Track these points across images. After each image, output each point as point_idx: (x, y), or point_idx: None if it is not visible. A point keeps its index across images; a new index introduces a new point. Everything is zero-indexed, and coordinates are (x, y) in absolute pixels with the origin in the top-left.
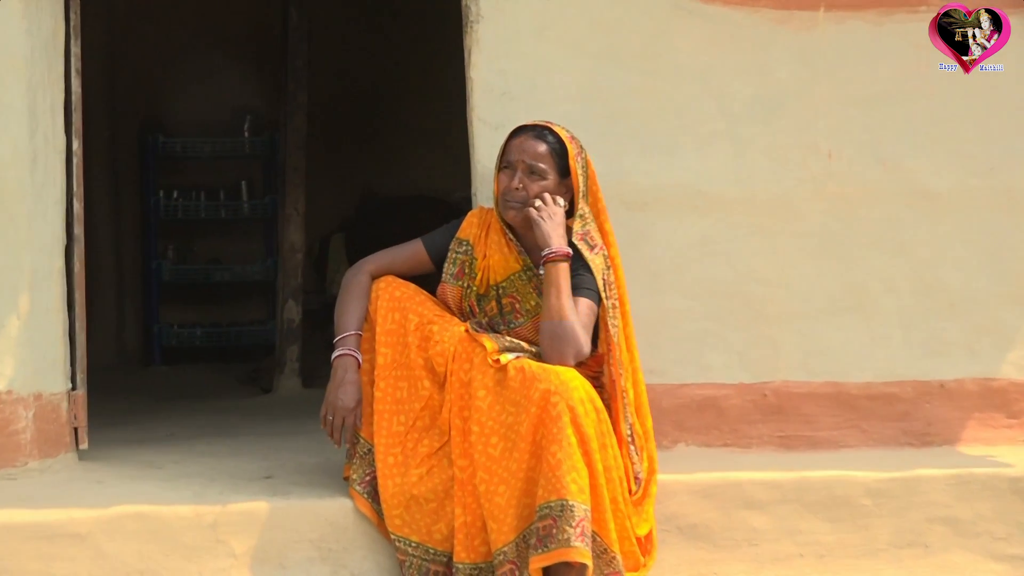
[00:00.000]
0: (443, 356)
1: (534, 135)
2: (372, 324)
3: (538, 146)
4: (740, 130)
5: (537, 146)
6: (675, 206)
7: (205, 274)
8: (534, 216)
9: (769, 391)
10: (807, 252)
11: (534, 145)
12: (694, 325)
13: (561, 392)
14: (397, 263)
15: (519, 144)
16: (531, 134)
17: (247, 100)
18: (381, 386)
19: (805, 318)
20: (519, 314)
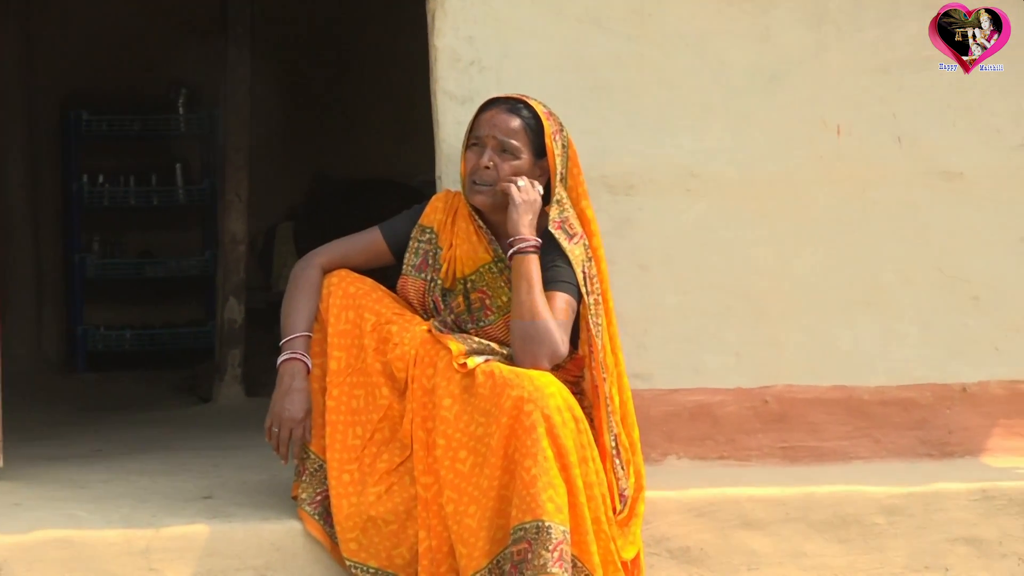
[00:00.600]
0: (403, 360)
1: (507, 109)
2: (323, 324)
3: (511, 121)
4: (739, 103)
5: (510, 121)
6: (665, 189)
7: (135, 269)
8: (513, 194)
9: (771, 397)
10: (814, 240)
11: (506, 120)
12: (686, 323)
13: (535, 399)
14: (352, 255)
15: (489, 118)
16: (503, 107)
17: (183, 72)
18: (334, 394)
19: (811, 315)
20: (489, 311)
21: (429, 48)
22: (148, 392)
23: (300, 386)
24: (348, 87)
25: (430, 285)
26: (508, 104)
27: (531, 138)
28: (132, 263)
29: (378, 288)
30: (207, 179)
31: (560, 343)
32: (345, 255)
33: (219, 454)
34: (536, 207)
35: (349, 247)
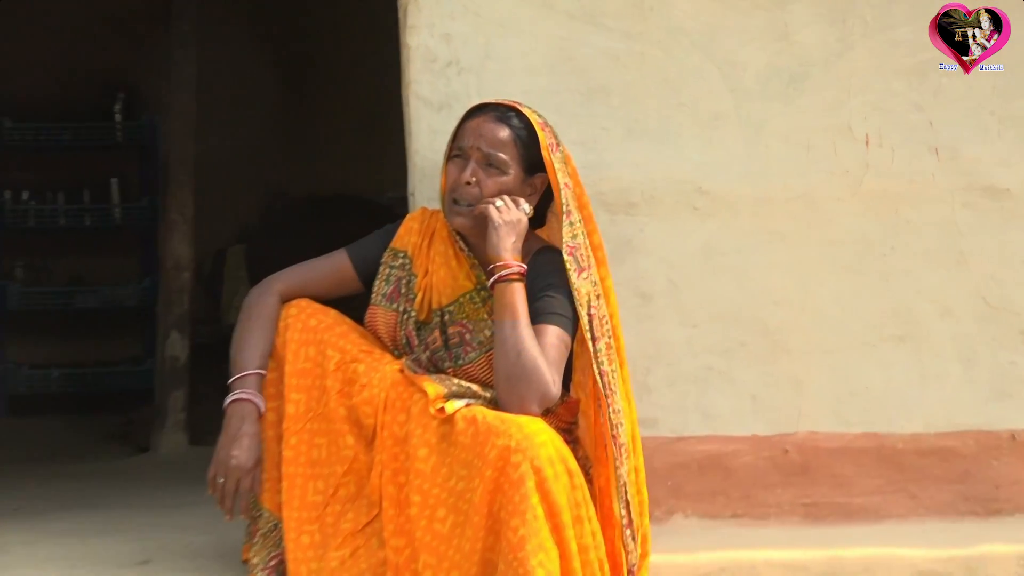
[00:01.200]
0: (371, 404)
1: (495, 117)
2: (280, 362)
3: (499, 131)
4: (752, 110)
5: (498, 130)
6: (669, 207)
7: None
8: (492, 215)
9: (791, 446)
10: (839, 266)
11: (494, 129)
12: (695, 361)
13: (524, 449)
14: (314, 282)
15: (475, 127)
16: (491, 115)
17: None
18: (292, 443)
19: (837, 351)
20: (470, 347)
21: (401, 47)
22: (78, 440)
23: (250, 431)
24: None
25: (403, 317)
26: (497, 112)
27: (521, 151)
28: (61, 292)
29: (343, 321)
30: (147, 196)
31: (551, 384)
32: (305, 282)
33: (159, 512)
34: (520, 228)
35: (310, 273)
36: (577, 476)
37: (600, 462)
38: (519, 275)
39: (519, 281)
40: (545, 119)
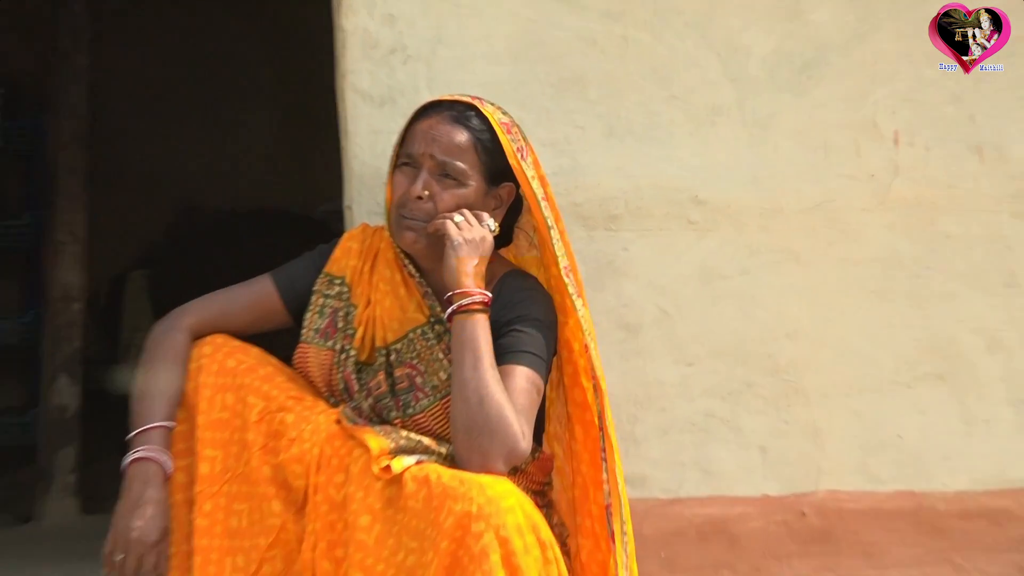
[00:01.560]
0: (302, 463)
1: (451, 117)
2: (191, 411)
3: (456, 133)
4: (758, 103)
5: (454, 134)
6: (660, 221)
7: None
8: (450, 232)
9: (809, 508)
10: (864, 290)
11: (450, 132)
12: (691, 406)
13: (488, 516)
14: (232, 314)
15: (427, 130)
16: (446, 115)
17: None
18: (206, 509)
19: (863, 393)
20: (421, 393)
21: (335, 31)
22: None
23: (155, 496)
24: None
25: (340, 357)
26: (453, 111)
27: (483, 158)
28: None
29: (268, 361)
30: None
31: (520, 436)
32: (222, 315)
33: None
34: (484, 249)
35: (228, 304)
36: (551, 548)
37: (585, 533)
38: (482, 305)
39: (482, 312)
40: (512, 118)
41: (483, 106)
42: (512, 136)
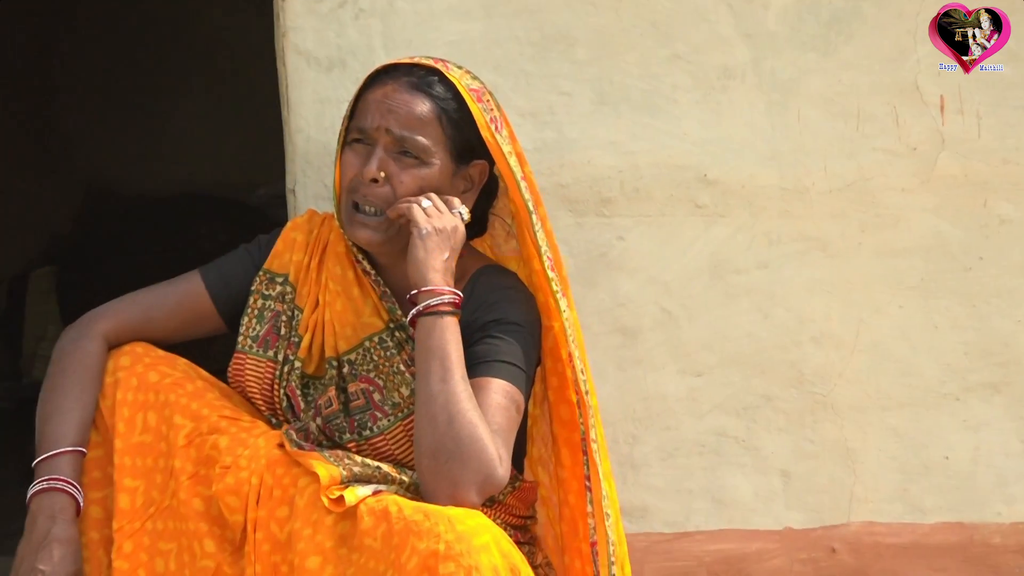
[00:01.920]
0: (239, 494)
1: (409, 84)
2: (108, 434)
3: (415, 103)
4: (778, 64)
5: (414, 103)
6: (662, 205)
7: None
8: (417, 218)
9: (840, 542)
10: (905, 285)
11: (408, 101)
12: (700, 424)
13: (458, 556)
14: (155, 319)
15: (381, 99)
16: (404, 82)
17: None
18: (125, 550)
19: (903, 407)
20: (380, 412)
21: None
22: None
23: (64, 534)
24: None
25: (282, 369)
26: (413, 77)
27: (449, 132)
28: None
29: (197, 374)
30: None
31: (496, 461)
32: (143, 319)
33: None
34: (456, 240)
35: (149, 307)
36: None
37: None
38: (452, 306)
39: (452, 315)
40: (483, 83)
41: (448, 70)
42: (484, 105)
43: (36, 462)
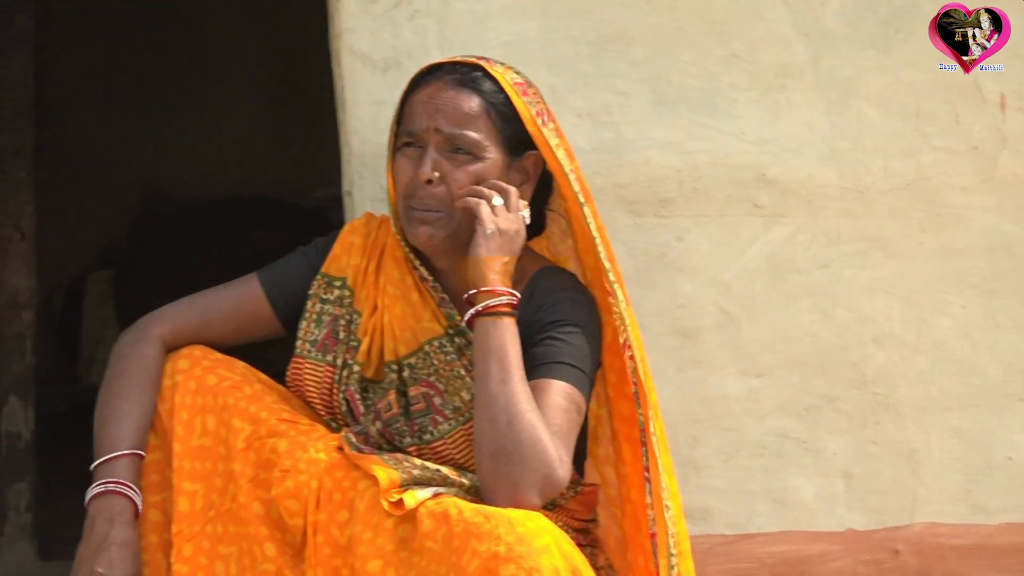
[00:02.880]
0: (299, 498)
1: (455, 81)
2: (166, 437)
3: (463, 99)
4: (837, 63)
5: (461, 100)
6: (721, 205)
7: None
8: (483, 216)
9: (904, 544)
10: (967, 285)
11: (455, 98)
12: (760, 425)
13: (518, 558)
14: (212, 322)
15: (427, 100)
16: (449, 80)
17: None
18: (185, 553)
19: (967, 408)
20: (441, 416)
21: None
22: None
23: (122, 537)
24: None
25: (342, 373)
26: (457, 74)
27: (499, 125)
28: None
29: (256, 377)
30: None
31: (556, 463)
32: (201, 323)
33: None
34: (517, 244)
35: (207, 310)
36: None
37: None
38: (510, 307)
39: (510, 315)
40: (527, 78)
41: (491, 66)
42: (529, 98)
43: (94, 465)
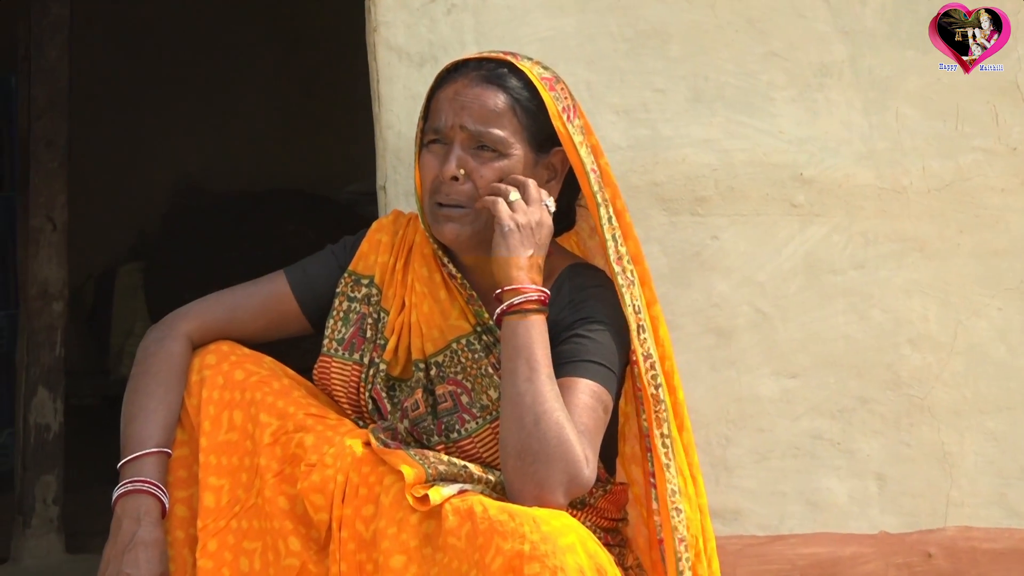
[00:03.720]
0: (324, 492)
1: (481, 78)
2: (193, 432)
3: (489, 96)
4: (876, 62)
5: (487, 96)
6: (757, 205)
7: None
8: (500, 214)
9: (937, 547)
10: (1004, 287)
11: (481, 95)
12: (794, 426)
13: (543, 556)
14: (240, 320)
15: (453, 96)
16: (474, 76)
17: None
18: (210, 549)
19: (1003, 411)
20: (468, 415)
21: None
22: None
23: (149, 537)
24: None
25: (368, 372)
26: (482, 70)
27: (525, 121)
28: None
29: (283, 372)
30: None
31: (583, 463)
32: (228, 320)
33: None
34: (542, 235)
35: (235, 307)
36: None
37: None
38: (539, 303)
39: (538, 312)
40: (556, 73)
41: (518, 61)
42: (556, 93)
43: (121, 464)
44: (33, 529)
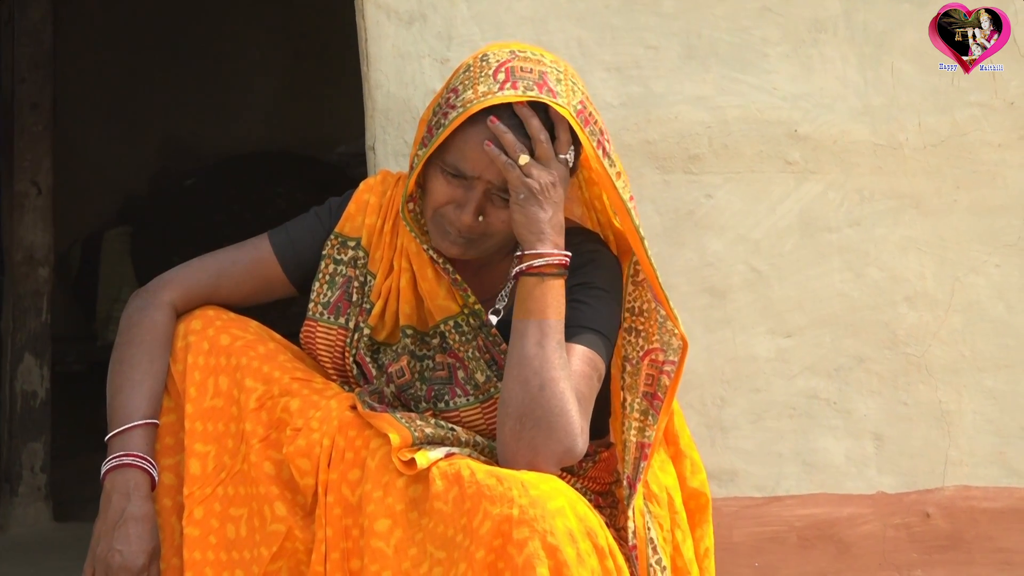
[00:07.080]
0: (310, 457)
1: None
2: (178, 399)
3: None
4: (871, 15)
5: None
6: (751, 162)
7: None
8: (513, 182)
9: (935, 507)
10: (1002, 243)
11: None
12: (790, 386)
13: (532, 520)
14: (225, 283)
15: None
16: (511, 124)
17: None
18: (197, 516)
19: (1001, 369)
20: (461, 389)
21: None
22: None
23: (139, 512)
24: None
25: (353, 336)
26: (515, 119)
27: None
28: None
29: (269, 336)
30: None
31: (578, 435)
32: (212, 285)
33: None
34: (555, 192)
35: (218, 272)
36: (613, 557)
37: None
38: (558, 267)
39: (556, 276)
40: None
41: (555, 101)
42: (591, 127)
43: (108, 437)
44: (21, 497)
